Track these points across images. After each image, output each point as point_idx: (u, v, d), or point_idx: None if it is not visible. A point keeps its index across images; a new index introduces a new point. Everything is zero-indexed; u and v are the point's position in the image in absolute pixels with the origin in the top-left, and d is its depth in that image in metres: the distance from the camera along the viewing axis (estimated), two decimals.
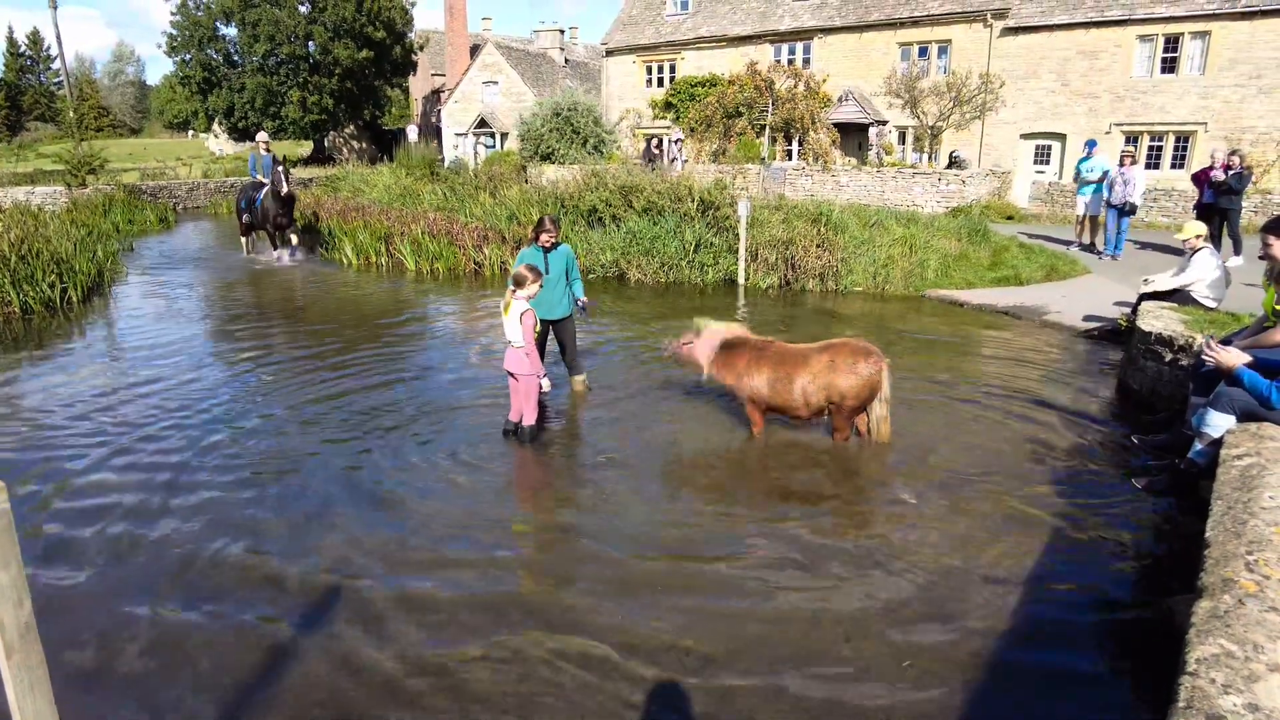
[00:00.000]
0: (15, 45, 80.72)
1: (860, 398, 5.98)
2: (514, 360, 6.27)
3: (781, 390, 6.09)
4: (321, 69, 39.09)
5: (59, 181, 24.26)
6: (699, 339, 6.47)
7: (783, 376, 6.09)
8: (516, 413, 6.47)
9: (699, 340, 6.47)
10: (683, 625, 4.01)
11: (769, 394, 6.16)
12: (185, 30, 38.60)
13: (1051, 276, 12.83)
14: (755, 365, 6.20)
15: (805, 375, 6.01)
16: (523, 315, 6.13)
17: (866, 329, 10.08)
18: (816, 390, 5.99)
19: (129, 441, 6.43)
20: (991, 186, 21.83)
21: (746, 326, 6.89)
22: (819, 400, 6.03)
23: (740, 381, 6.27)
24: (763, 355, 6.23)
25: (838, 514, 5.26)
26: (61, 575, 4.50)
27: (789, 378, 6.06)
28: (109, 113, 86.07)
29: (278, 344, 9.70)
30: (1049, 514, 5.16)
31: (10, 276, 11.29)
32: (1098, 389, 7.78)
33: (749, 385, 6.22)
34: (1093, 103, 22.80)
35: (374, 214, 17.44)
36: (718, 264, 13.59)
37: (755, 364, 6.20)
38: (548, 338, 7.52)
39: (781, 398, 6.12)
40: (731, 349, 6.35)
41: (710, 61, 29.40)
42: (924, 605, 4.17)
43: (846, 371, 5.91)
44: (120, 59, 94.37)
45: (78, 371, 8.48)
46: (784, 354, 6.20)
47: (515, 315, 6.14)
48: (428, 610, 4.15)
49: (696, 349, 6.45)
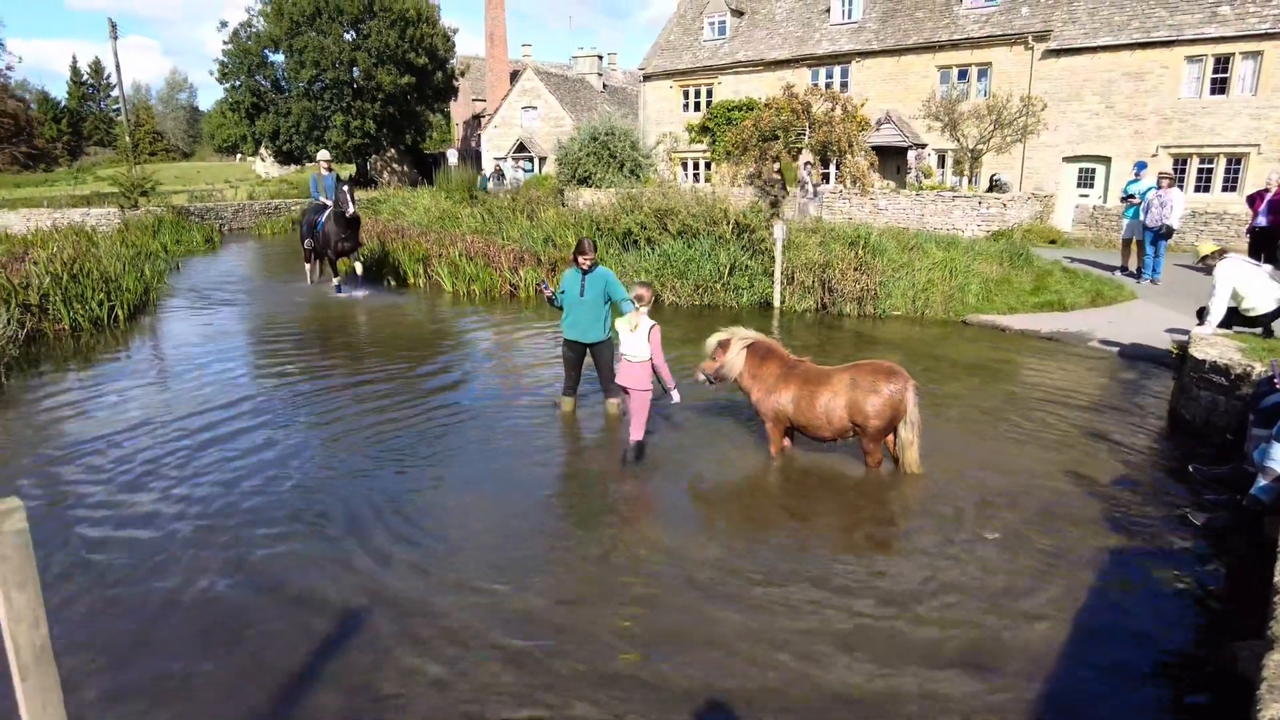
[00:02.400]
0: (78, 74, 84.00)
1: (884, 418, 5.85)
2: (630, 374, 6.35)
3: (805, 408, 6.04)
4: (365, 94, 39.98)
5: (114, 203, 25.02)
6: (731, 346, 6.40)
7: (806, 394, 6.04)
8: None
9: (730, 346, 6.41)
10: (716, 662, 3.87)
11: (793, 411, 6.12)
12: (236, 57, 39.80)
13: (1097, 302, 12.49)
14: (784, 381, 6.18)
15: (828, 393, 5.95)
16: (651, 330, 6.26)
17: (905, 354, 9.88)
18: (839, 409, 5.91)
19: (162, 460, 6.49)
20: (1033, 210, 21.42)
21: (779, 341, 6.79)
22: (842, 420, 5.94)
23: (767, 397, 6.23)
24: (792, 372, 6.21)
25: (871, 547, 5.09)
26: (85, 595, 4.51)
27: (812, 396, 6.01)
28: (163, 137, 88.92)
29: (316, 364, 9.79)
30: (1099, 550, 4.93)
31: (62, 295, 11.61)
32: (1148, 419, 7.49)
33: (775, 401, 6.19)
34: (1139, 125, 22.33)
35: (413, 236, 17.67)
36: (753, 287, 13.48)
37: (784, 380, 6.18)
38: (584, 359, 7.47)
39: (805, 416, 6.06)
40: (764, 361, 6.32)
41: (747, 86, 29.45)
42: (964, 645, 3.98)
43: (868, 390, 5.81)
44: (174, 86, 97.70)
45: (120, 389, 8.63)
46: (811, 373, 6.18)
47: (643, 331, 6.26)
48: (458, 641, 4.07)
49: (729, 357, 6.37)
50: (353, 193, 14.00)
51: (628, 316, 6.42)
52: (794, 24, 29.13)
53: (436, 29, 41.96)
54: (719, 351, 6.45)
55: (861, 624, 4.16)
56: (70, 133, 79.29)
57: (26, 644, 2.17)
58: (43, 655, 2.22)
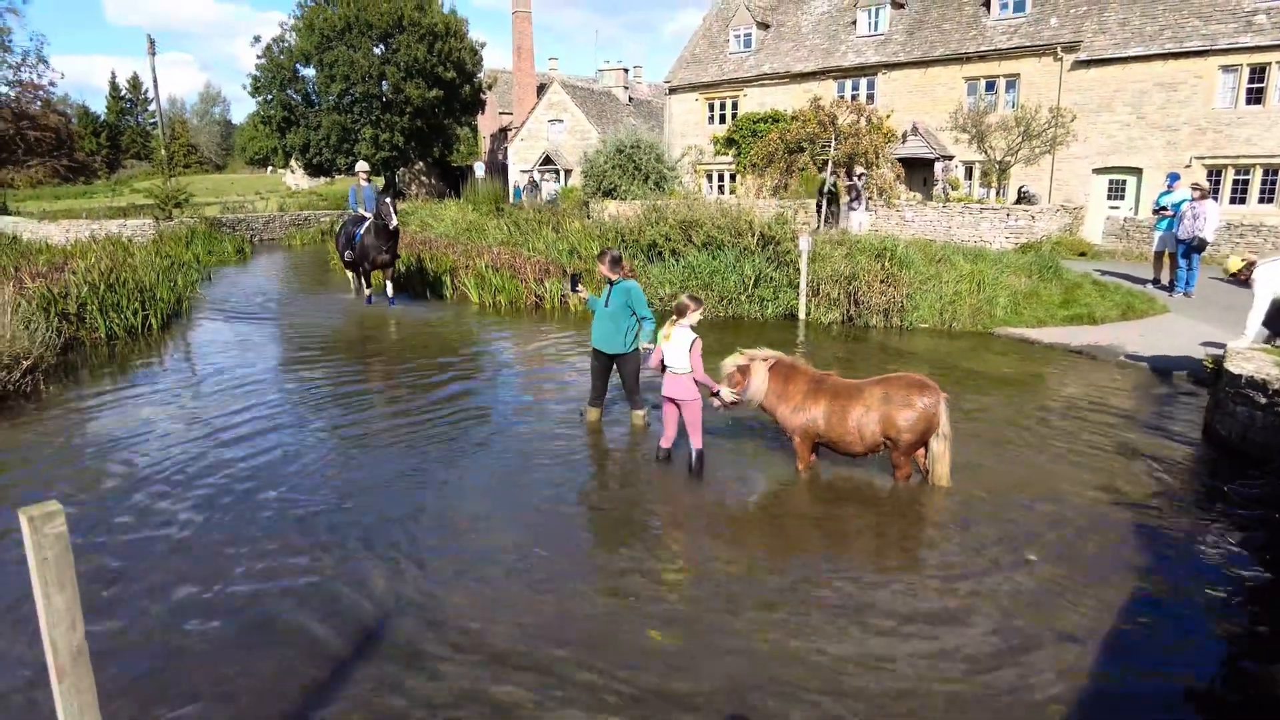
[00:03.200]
0: (117, 89, 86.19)
1: (917, 432, 5.78)
2: (675, 386, 6.26)
3: (836, 423, 5.95)
4: (393, 107, 40.52)
5: (149, 215, 25.58)
6: (751, 369, 6.29)
7: (838, 409, 5.95)
8: (669, 439, 6.50)
9: (751, 370, 6.29)
10: (742, 672, 3.85)
11: (824, 427, 6.02)
12: (268, 72, 40.56)
13: (1128, 315, 12.29)
14: (813, 397, 6.07)
15: (860, 408, 5.87)
16: (693, 345, 6.17)
17: (933, 367, 9.79)
18: (871, 423, 5.83)
19: (192, 466, 6.60)
20: (1063, 222, 21.16)
21: (802, 358, 6.75)
22: (874, 434, 5.86)
23: (795, 414, 6.13)
24: (820, 387, 6.11)
25: (901, 564, 5.03)
26: (115, 599, 4.59)
27: (844, 410, 5.92)
28: (197, 150, 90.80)
29: (344, 373, 9.90)
30: (1132, 570, 4.83)
31: (99, 304, 11.86)
32: (1182, 435, 7.33)
33: (805, 417, 6.08)
34: (1171, 135, 22.02)
35: (440, 247, 17.85)
36: (778, 298, 13.44)
37: (813, 395, 6.08)
38: (611, 371, 7.47)
39: (836, 431, 5.98)
40: (788, 379, 6.22)
41: (773, 98, 29.47)
42: (995, 663, 3.92)
43: (902, 405, 5.74)
44: (207, 100, 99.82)
45: (153, 397, 8.79)
46: (840, 387, 6.08)
47: (683, 344, 6.17)
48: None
49: (751, 380, 6.26)
50: (395, 204, 13.80)
51: (665, 326, 6.33)
52: (820, 36, 29.13)
53: (464, 43, 42.47)
54: (737, 376, 6.33)
55: (891, 642, 4.11)
56: (109, 146, 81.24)
57: (64, 645, 2.22)
58: (79, 656, 2.27)
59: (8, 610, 4.39)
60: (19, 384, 8.66)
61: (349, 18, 38.64)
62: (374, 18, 38.45)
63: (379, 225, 13.76)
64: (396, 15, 38.83)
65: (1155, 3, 22.38)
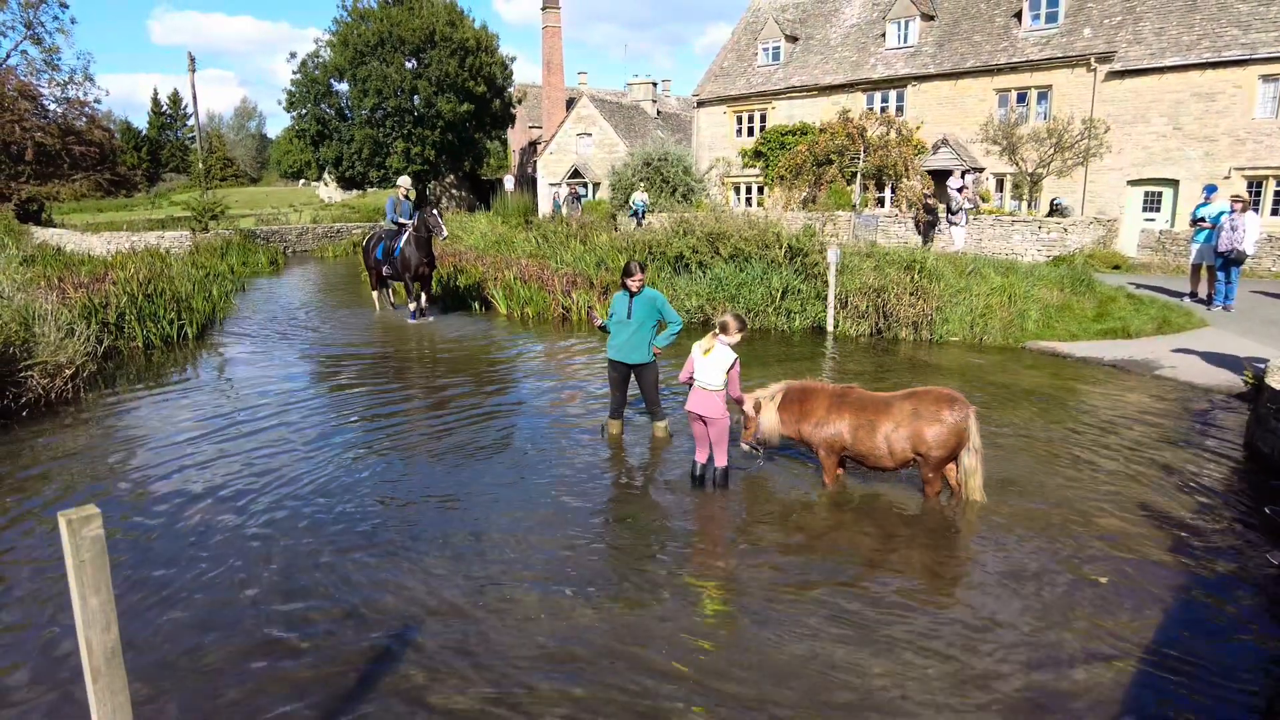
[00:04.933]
0: (158, 105, 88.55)
1: (948, 447, 5.69)
2: (705, 403, 6.04)
3: (864, 438, 5.87)
4: (425, 121, 41.10)
5: (186, 226, 26.16)
6: (763, 409, 6.27)
7: (865, 424, 5.87)
8: (704, 454, 6.30)
9: (763, 410, 6.26)
10: (773, 687, 3.82)
11: (850, 441, 5.94)
12: (303, 87, 41.40)
13: (1164, 329, 12.05)
14: (836, 411, 6.01)
15: (889, 423, 5.78)
16: (733, 365, 5.95)
17: (964, 381, 9.67)
18: (901, 439, 5.74)
19: (226, 473, 6.71)
20: (1096, 235, 20.85)
21: (819, 378, 6.71)
22: (904, 450, 5.76)
23: (819, 429, 6.06)
24: (844, 401, 6.04)
25: (934, 581, 4.96)
26: (147, 602, 4.67)
27: (872, 425, 5.84)
28: (233, 163, 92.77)
29: (374, 382, 10.02)
30: (1169, 590, 4.72)
31: (137, 314, 12.14)
32: (1221, 452, 7.16)
33: (829, 431, 6.01)
34: (1210, 146, 21.60)
35: (470, 260, 18.02)
36: (805, 311, 13.38)
37: (836, 410, 6.01)
38: (629, 380, 7.50)
39: (864, 445, 5.88)
40: (804, 400, 6.17)
41: (801, 110, 29.43)
42: (1027, 680, 3.85)
43: (931, 419, 5.65)
44: (243, 114, 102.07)
45: (188, 405, 8.97)
46: (865, 401, 5.99)
47: (722, 363, 5.95)
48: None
49: (763, 420, 6.25)
50: (441, 215, 13.79)
51: (704, 340, 6.11)
52: (849, 49, 29.06)
53: (495, 58, 43.01)
54: (750, 420, 6.33)
55: (923, 660, 4.05)
56: (149, 160, 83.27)
57: (99, 647, 2.26)
58: (113, 658, 2.31)
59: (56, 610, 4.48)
60: (61, 390, 8.88)
61: (382, 33, 39.33)
62: (407, 33, 39.09)
63: (420, 237, 13.85)
64: (429, 30, 39.45)
65: (1192, 12, 22.02)
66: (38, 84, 34.25)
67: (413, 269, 14.12)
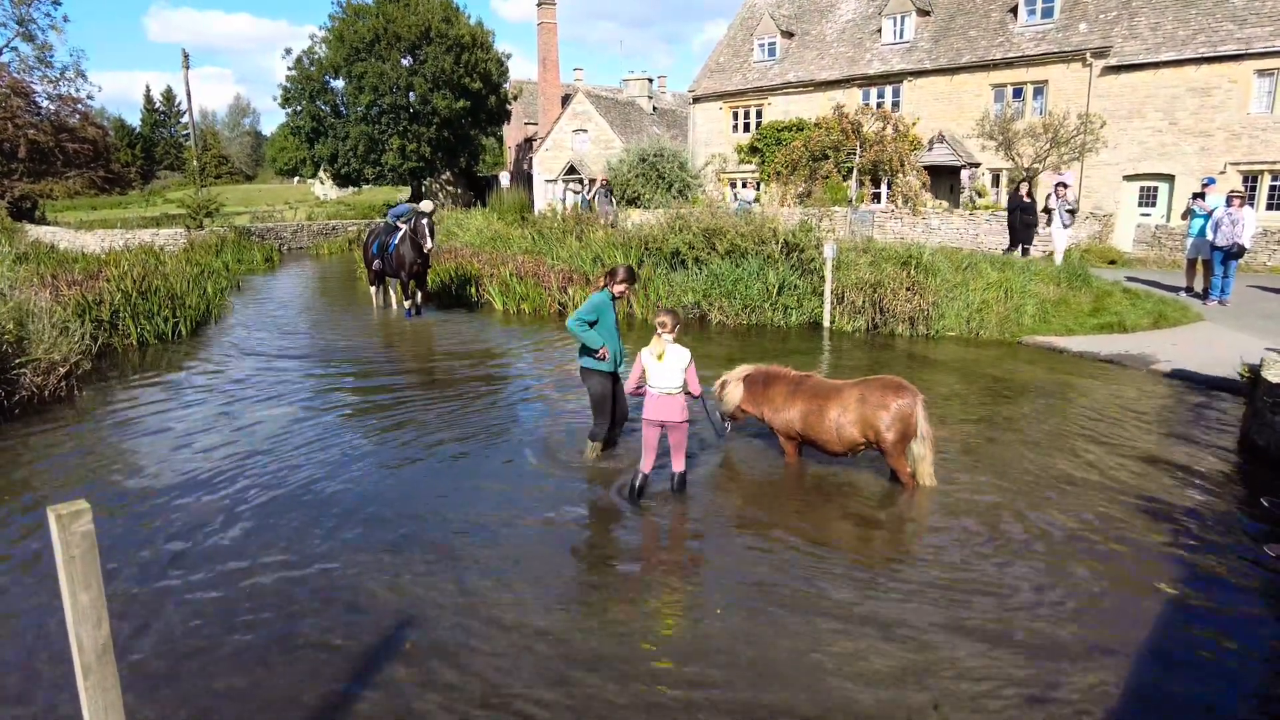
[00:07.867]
0: (151, 103, 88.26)
1: (895, 431, 5.88)
2: (666, 408, 5.74)
3: (814, 423, 6.17)
4: (420, 118, 41.02)
5: (180, 224, 26.09)
6: (727, 384, 6.69)
7: (815, 409, 6.17)
8: (650, 465, 5.94)
9: (727, 385, 6.69)
10: (758, 677, 3.81)
11: (801, 427, 6.26)
12: (298, 84, 41.30)
13: (1160, 324, 12.06)
14: (791, 399, 6.34)
15: (836, 408, 6.06)
16: (690, 363, 5.77)
17: (961, 375, 9.67)
18: (849, 424, 6.00)
19: (220, 468, 6.68)
20: (1092, 230, 20.87)
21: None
22: (852, 434, 6.02)
23: (776, 415, 6.42)
24: (799, 389, 6.36)
25: (928, 576, 4.95)
26: (138, 599, 4.65)
27: (821, 410, 6.13)
28: (228, 161, 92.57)
29: (369, 380, 9.99)
30: (1166, 580, 4.73)
31: (131, 311, 12.10)
32: (1217, 446, 7.16)
33: (783, 418, 6.37)
34: (1205, 141, 21.63)
35: (466, 256, 17.98)
36: (801, 306, 13.36)
37: (791, 397, 6.34)
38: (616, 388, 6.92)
39: (814, 430, 6.19)
40: (767, 385, 6.52)
41: (797, 106, 29.40)
42: (1022, 678, 3.85)
43: (877, 405, 5.89)
44: (237, 112, 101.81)
45: (182, 402, 8.93)
46: (818, 388, 6.30)
47: (680, 362, 5.73)
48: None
49: (725, 394, 6.67)
50: (432, 227, 13.93)
51: (651, 345, 5.77)
52: (845, 44, 29.03)
53: (490, 54, 42.93)
54: (718, 391, 6.76)
55: (916, 653, 4.05)
56: (143, 157, 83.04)
57: (90, 643, 2.24)
58: (104, 654, 2.29)
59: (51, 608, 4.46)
60: (55, 388, 8.84)
61: (378, 30, 39.24)
62: (402, 29, 39.00)
63: (414, 240, 13.86)
64: (424, 27, 39.37)
65: (1188, 7, 22.03)
66: (30, 81, 34.10)
67: (407, 266, 14.18)
